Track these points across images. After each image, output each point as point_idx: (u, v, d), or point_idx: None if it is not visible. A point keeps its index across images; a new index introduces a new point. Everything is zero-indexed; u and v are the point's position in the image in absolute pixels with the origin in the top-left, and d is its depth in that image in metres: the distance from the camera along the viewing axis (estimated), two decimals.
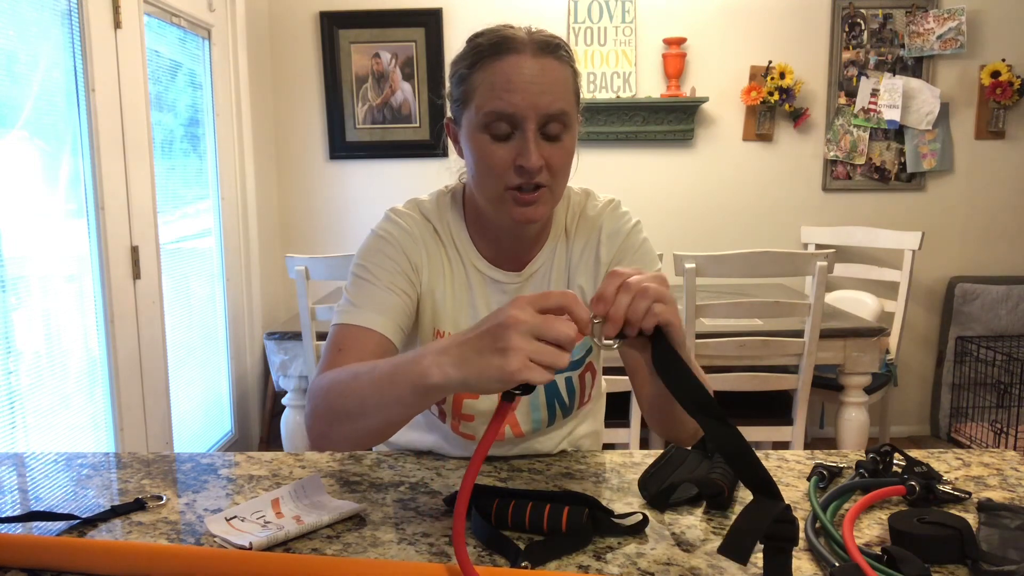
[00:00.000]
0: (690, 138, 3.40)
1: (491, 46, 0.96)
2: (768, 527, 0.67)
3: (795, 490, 0.96)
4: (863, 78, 3.36)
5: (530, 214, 0.99)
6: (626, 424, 2.34)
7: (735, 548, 0.66)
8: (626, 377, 2.43)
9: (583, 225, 1.12)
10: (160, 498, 0.95)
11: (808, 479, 0.97)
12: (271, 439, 3.33)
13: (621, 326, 0.75)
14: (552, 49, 0.97)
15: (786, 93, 3.30)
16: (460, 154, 1.04)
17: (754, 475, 0.69)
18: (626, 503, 0.92)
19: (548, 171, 0.97)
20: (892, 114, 3.32)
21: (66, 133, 2.06)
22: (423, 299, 1.09)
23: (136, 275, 2.33)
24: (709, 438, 0.71)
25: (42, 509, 0.94)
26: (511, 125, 0.95)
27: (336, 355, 0.98)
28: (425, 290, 1.08)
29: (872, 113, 3.36)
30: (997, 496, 0.92)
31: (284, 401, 2.51)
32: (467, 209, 1.10)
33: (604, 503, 0.92)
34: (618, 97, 3.33)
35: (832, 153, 3.41)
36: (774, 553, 0.70)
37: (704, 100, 3.29)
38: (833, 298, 2.99)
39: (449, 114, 1.05)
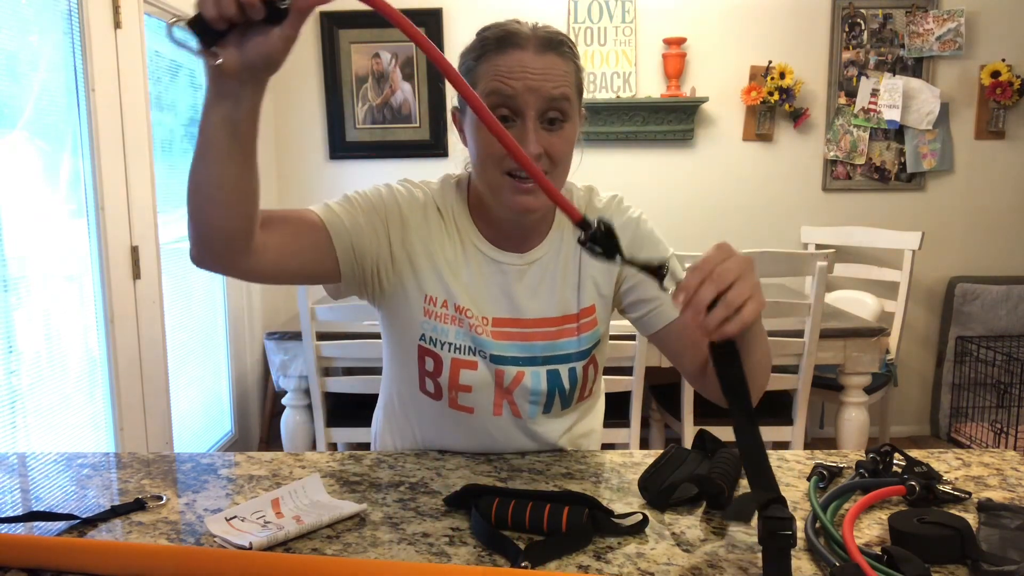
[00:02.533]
0: (690, 138, 3.40)
1: (496, 40, 0.99)
2: (765, 501, 0.73)
3: (795, 490, 0.96)
4: (863, 78, 3.36)
5: (528, 203, 1.00)
6: (626, 424, 2.34)
7: (739, 513, 0.74)
8: (626, 377, 2.43)
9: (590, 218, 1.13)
10: (160, 498, 0.95)
11: (808, 479, 0.97)
12: (271, 439, 3.33)
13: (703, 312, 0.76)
14: (555, 46, 0.99)
15: (786, 93, 3.30)
16: (465, 143, 1.06)
17: (762, 479, 0.75)
18: (626, 503, 0.92)
19: (548, 159, 0.99)
20: (892, 114, 3.32)
21: (66, 133, 2.06)
22: (412, 258, 1.08)
23: (136, 275, 2.33)
24: (736, 431, 0.78)
25: (42, 509, 0.94)
26: (512, 112, 0.97)
27: (277, 209, 0.99)
28: (413, 248, 1.08)
29: (872, 113, 3.36)
30: (997, 496, 0.92)
31: (284, 401, 2.51)
32: (471, 195, 1.12)
33: (604, 503, 0.92)
34: (618, 97, 3.33)
35: (832, 153, 3.41)
36: (773, 555, 0.70)
37: (704, 100, 3.29)
38: (833, 298, 2.99)
39: (456, 103, 1.07)
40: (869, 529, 0.84)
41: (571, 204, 0.78)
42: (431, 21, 3.33)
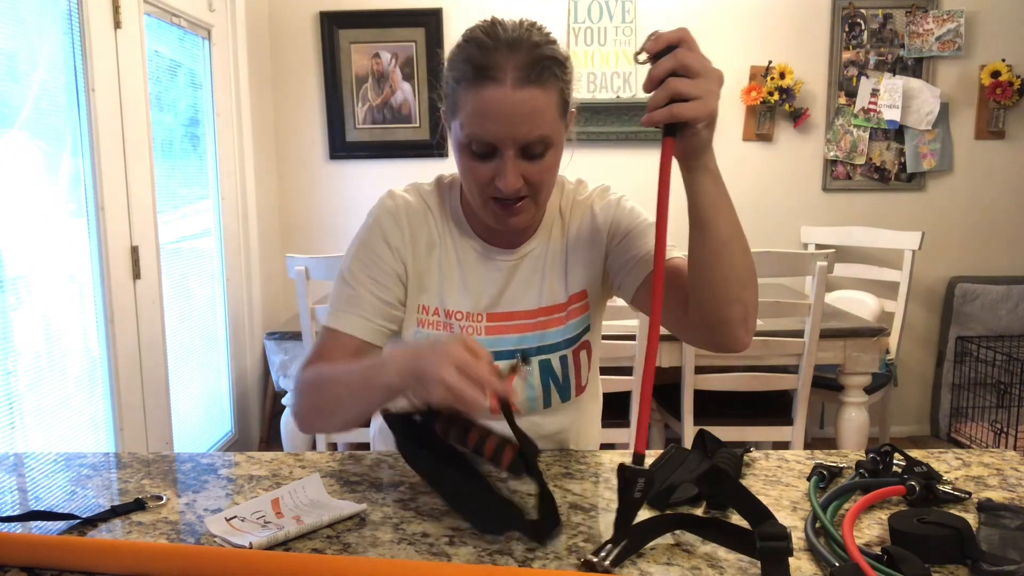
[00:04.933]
0: None
1: (475, 70, 0.95)
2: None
3: (795, 490, 0.96)
4: (863, 78, 3.36)
5: (513, 223, 1.03)
6: (626, 424, 2.34)
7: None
8: (626, 377, 2.42)
9: (576, 209, 1.16)
10: (160, 498, 0.95)
11: (808, 479, 0.97)
12: (271, 439, 3.33)
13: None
14: (534, 78, 0.94)
15: (786, 93, 3.30)
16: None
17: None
18: None
19: (528, 186, 0.99)
20: (892, 114, 3.32)
21: (66, 133, 2.06)
22: (404, 281, 1.12)
23: (136, 275, 2.33)
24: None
25: (42, 509, 0.94)
26: (490, 148, 0.97)
27: (320, 354, 1.08)
28: (410, 270, 1.12)
29: (872, 113, 3.36)
30: (997, 496, 0.92)
31: (284, 401, 2.51)
32: (463, 196, 1.13)
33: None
34: (618, 97, 3.33)
35: (832, 153, 3.41)
36: (771, 563, 0.70)
37: None
38: (833, 298, 2.99)
39: (443, 108, 1.06)
40: (869, 529, 0.84)
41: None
42: (431, 21, 3.33)
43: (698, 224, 0.92)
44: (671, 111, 0.81)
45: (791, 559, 0.74)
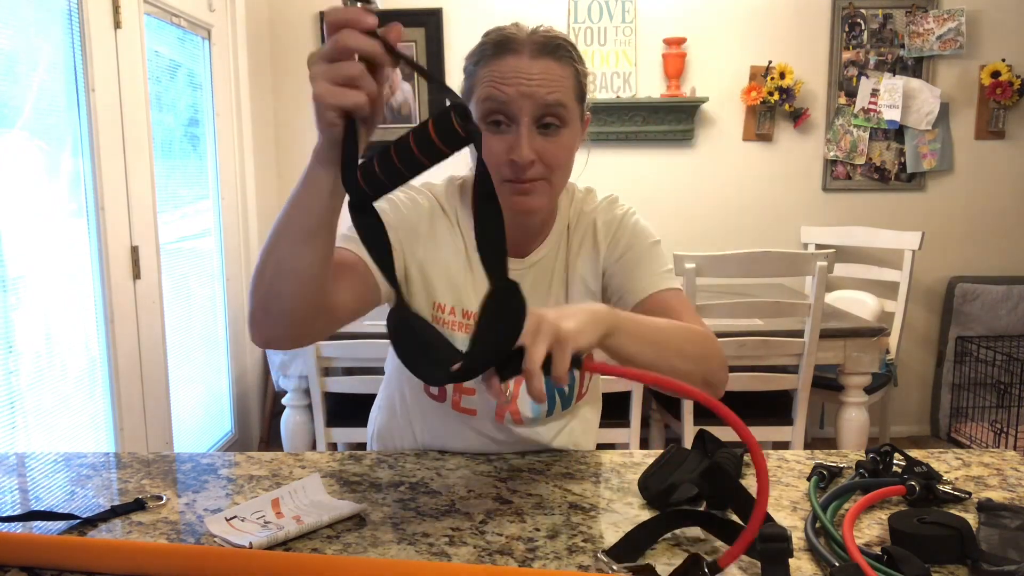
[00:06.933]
0: (690, 138, 3.40)
1: (494, 45, 0.99)
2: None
3: (795, 490, 0.96)
4: (863, 78, 3.36)
5: (527, 204, 1.00)
6: (626, 424, 2.34)
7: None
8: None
9: (582, 220, 1.14)
10: (160, 498, 0.95)
11: (808, 479, 0.97)
12: (271, 439, 3.33)
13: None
14: (551, 50, 0.98)
15: (786, 93, 3.30)
16: None
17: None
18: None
19: (544, 165, 0.98)
20: (892, 114, 3.32)
21: (66, 133, 2.06)
22: (423, 269, 1.09)
23: (136, 275, 2.33)
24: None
25: (42, 509, 0.94)
26: (507, 118, 0.97)
27: None
28: (423, 259, 1.08)
29: (872, 113, 3.36)
30: (997, 496, 0.92)
31: (284, 401, 2.51)
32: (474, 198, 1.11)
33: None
34: (618, 97, 3.33)
35: (832, 153, 3.41)
36: (771, 564, 0.70)
37: (704, 100, 3.29)
38: (833, 298, 2.99)
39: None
40: (869, 529, 0.84)
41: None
42: (431, 21, 3.33)
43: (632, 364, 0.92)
44: (560, 377, 0.79)
45: (791, 559, 0.74)
